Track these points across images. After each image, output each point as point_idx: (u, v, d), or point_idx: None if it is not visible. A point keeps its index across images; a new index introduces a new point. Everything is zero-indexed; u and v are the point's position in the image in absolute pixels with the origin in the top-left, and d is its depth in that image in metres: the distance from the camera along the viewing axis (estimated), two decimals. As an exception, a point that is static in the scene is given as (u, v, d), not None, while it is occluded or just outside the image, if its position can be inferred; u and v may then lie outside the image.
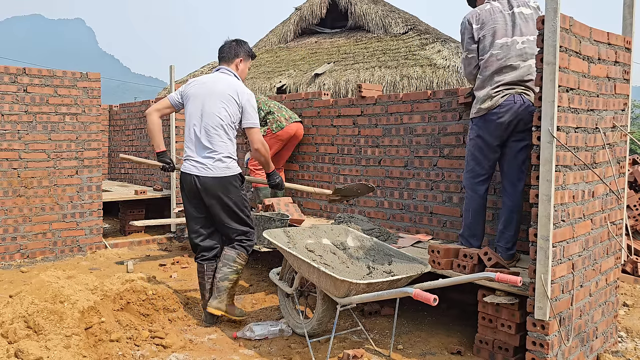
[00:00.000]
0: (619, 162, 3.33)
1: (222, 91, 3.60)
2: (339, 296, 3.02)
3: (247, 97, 3.62)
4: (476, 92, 3.50)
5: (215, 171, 3.56)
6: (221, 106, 3.57)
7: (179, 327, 3.64)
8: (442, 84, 9.16)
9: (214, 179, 3.56)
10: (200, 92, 3.65)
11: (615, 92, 3.22)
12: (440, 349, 3.40)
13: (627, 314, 4.07)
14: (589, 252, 3.08)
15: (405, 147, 4.63)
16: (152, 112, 3.71)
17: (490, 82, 3.39)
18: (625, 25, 3.40)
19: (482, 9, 3.46)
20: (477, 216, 3.59)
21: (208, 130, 3.57)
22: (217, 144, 3.57)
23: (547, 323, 2.76)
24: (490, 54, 3.39)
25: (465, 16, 3.54)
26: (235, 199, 3.64)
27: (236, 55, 3.78)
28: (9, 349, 2.75)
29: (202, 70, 13.80)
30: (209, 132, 3.57)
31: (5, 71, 5.33)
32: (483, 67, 3.44)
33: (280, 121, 5.34)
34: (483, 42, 3.43)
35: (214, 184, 3.56)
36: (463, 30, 3.54)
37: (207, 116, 3.58)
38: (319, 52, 12.16)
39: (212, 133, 3.57)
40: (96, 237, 5.92)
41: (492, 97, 3.38)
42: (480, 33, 3.44)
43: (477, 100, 3.48)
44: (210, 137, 3.56)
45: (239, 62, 3.78)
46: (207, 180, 3.56)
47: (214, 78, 3.71)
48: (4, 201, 5.34)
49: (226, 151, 3.59)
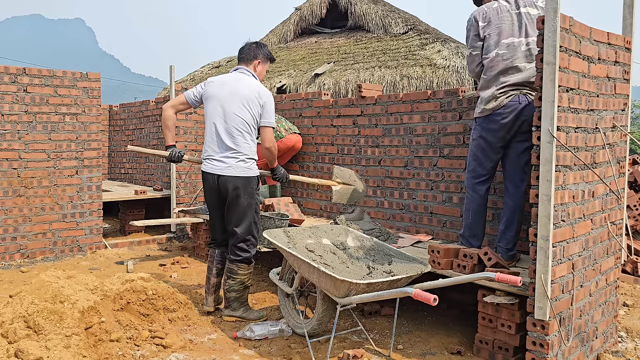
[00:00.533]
0: (619, 162, 3.33)
1: (244, 92, 3.67)
2: (339, 296, 3.02)
3: (267, 97, 3.72)
4: (481, 92, 3.47)
5: (237, 170, 3.64)
6: (245, 108, 3.65)
7: (179, 327, 3.64)
8: (442, 84, 9.15)
9: (235, 178, 3.64)
10: (221, 93, 3.71)
11: (615, 92, 3.21)
12: (440, 349, 3.40)
13: (627, 314, 4.07)
14: (589, 252, 3.08)
15: (405, 147, 4.63)
16: (167, 108, 3.83)
17: (495, 83, 3.36)
18: (625, 25, 3.39)
19: (490, 7, 3.43)
20: (478, 216, 3.58)
21: (231, 131, 3.64)
22: (240, 145, 3.65)
23: (547, 323, 2.76)
24: (495, 54, 3.36)
25: (472, 13, 3.51)
26: (250, 201, 3.71)
27: (255, 57, 3.85)
28: (9, 349, 2.75)
29: (202, 70, 13.80)
30: (232, 132, 3.64)
31: (5, 71, 5.33)
32: (488, 67, 3.40)
33: (280, 131, 5.36)
34: (488, 41, 3.40)
35: (235, 183, 3.64)
36: (469, 27, 3.51)
37: (230, 117, 3.64)
38: (319, 52, 12.15)
39: (236, 134, 3.64)
40: (96, 237, 5.92)
41: (497, 98, 3.35)
42: (486, 31, 3.40)
43: (481, 100, 3.45)
44: (234, 138, 3.64)
45: (257, 64, 3.85)
46: (229, 179, 3.64)
47: (235, 78, 3.77)
48: (4, 201, 5.34)
49: (250, 152, 3.69)
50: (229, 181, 3.63)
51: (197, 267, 5.38)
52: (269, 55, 3.91)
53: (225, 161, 3.63)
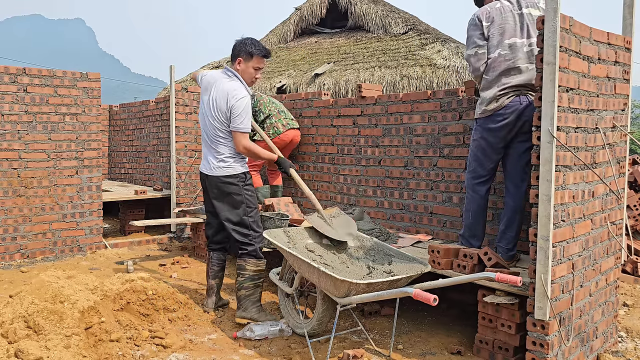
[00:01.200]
0: (619, 162, 3.33)
1: (216, 97, 3.71)
2: (338, 296, 3.02)
3: (235, 101, 3.63)
4: (482, 93, 3.45)
5: (217, 171, 3.75)
6: (214, 114, 3.71)
7: (179, 327, 3.64)
8: (442, 84, 9.15)
9: (217, 178, 3.76)
10: (203, 97, 3.84)
11: (615, 92, 3.21)
12: (440, 349, 3.40)
13: (627, 314, 4.07)
14: (589, 252, 3.08)
15: (405, 147, 4.63)
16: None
17: (497, 84, 3.35)
18: (625, 25, 3.39)
19: (493, 7, 3.42)
20: (478, 217, 3.58)
21: (210, 134, 3.77)
22: (219, 147, 3.74)
23: (547, 323, 2.76)
24: (498, 54, 3.34)
25: (475, 13, 3.48)
26: (237, 198, 3.75)
27: (237, 55, 3.77)
28: (9, 349, 2.75)
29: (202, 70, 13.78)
30: (210, 136, 3.77)
31: (5, 71, 5.33)
32: (490, 67, 3.38)
33: (277, 127, 5.35)
34: (491, 41, 3.38)
35: (217, 181, 3.76)
36: (472, 27, 3.46)
37: (207, 120, 3.76)
38: (319, 52, 12.15)
39: (213, 137, 3.75)
40: (96, 237, 5.92)
41: (497, 99, 3.34)
42: (490, 31, 3.39)
43: (482, 100, 3.44)
44: (213, 142, 3.76)
45: (238, 63, 3.76)
46: (212, 178, 3.78)
47: (214, 79, 3.79)
48: (4, 201, 5.34)
49: (227, 152, 3.74)
50: (212, 180, 3.77)
51: (197, 267, 5.38)
52: (252, 51, 3.70)
53: (210, 161, 3.78)
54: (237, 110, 3.62)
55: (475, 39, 3.44)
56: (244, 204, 3.75)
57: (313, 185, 5.52)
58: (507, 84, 3.32)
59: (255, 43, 3.73)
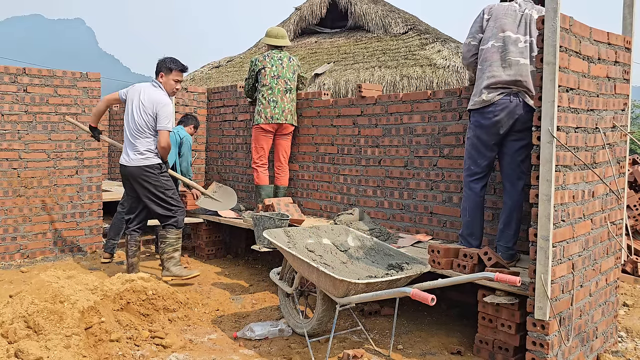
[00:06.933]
0: (619, 162, 3.33)
1: (143, 102, 4.51)
2: (338, 296, 3.02)
3: (160, 107, 4.48)
4: (476, 83, 3.57)
5: (136, 162, 4.49)
6: (142, 114, 4.49)
7: (179, 327, 3.64)
8: (442, 84, 9.15)
9: (137, 168, 4.49)
10: (130, 100, 4.58)
11: (615, 92, 3.22)
12: (440, 349, 3.40)
13: (627, 314, 4.07)
14: (589, 252, 3.08)
15: (405, 147, 4.63)
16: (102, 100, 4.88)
17: (487, 74, 3.44)
18: (625, 25, 3.40)
19: (501, 5, 3.55)
20: (474, 214, 3.61)
21: (132, 131, 4.52)
22: (139, 142, 4.50)
23: (547, 323, 2.76)
24: (491, 45, 3.45)
25: (483, 8, 3.66)
26: (155, 183, 4.53)
27: (158, 71, 4.66)
28: (9, 349, 2.75)
29: (202, 70, 13.79)
30: (132, 133, 4.52)
31: (5, 71, 5.33)
32: (483, 58, 3.50)
33: (260, 116, 5.29)
34: (487, 32, 3.51)
35: (137, 171, 4.49)
36: (476, 19, 3.65)
37: (132, 121, 4.52)
38: (319, 52, 12.15)
39: (135, 133, 4.51)
40: (96, 237, 5.92)
41: (489, 92, 3.42)
42: (489, 24, 3.52)
43: (475, 92, 3.54)
44: (134, 137, 4.51)
45: (161, 77, 4.63)
46: (133, 169, 4.50)
47: (142, 89, 4.59)
48: (4, 201, 5.34)
49: (146, 147, 4.51)
50: (133, 170, 4.50)
51: (197, 266, 5.38)
52: (171, 67, 4.61)
53: (130, 155, 4.52)
54: (163, 114, 4.48)
55: (473, 31, 3.64)
56: (162, 187, 4.55)
57: (313, 185, 5.52)
58: (498, 77, 3.39)
59: (175, 60, 4.64)
